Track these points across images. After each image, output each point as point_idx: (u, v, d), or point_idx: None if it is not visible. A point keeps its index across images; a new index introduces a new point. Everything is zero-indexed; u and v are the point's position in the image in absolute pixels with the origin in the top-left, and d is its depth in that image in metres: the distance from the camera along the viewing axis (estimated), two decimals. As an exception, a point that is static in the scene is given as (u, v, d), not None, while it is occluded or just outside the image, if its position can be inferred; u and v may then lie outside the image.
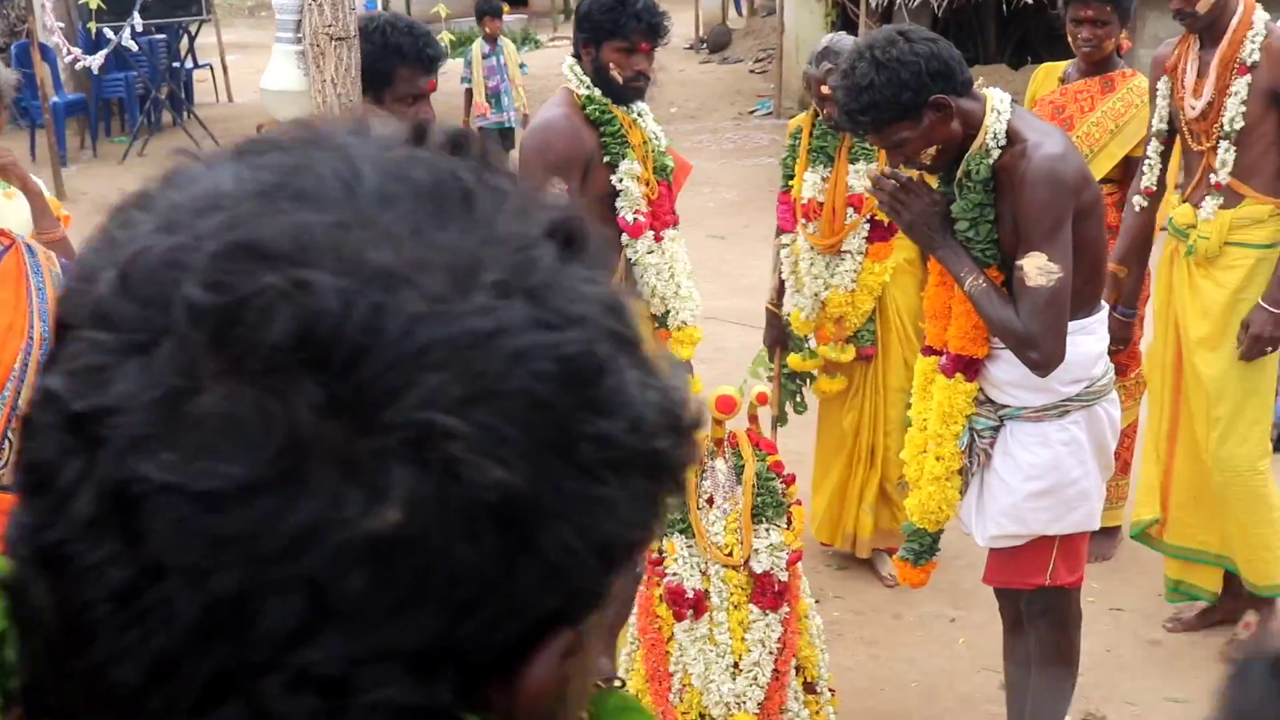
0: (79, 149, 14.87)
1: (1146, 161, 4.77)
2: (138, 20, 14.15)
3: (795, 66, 15.23)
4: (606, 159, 4.38)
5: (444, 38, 22.12)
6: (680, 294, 4.57)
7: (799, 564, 3.89)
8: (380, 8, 23.68)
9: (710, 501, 3.85)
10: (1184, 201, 4.64)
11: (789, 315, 5.31)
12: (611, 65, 4.36)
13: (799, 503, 3.92)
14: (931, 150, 3.36)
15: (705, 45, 21.33)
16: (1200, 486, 4.74)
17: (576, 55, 4.47)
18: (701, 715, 3.84)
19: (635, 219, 4.43)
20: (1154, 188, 4.76)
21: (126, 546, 0.61)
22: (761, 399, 3.94)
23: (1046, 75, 5.43)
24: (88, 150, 14.90)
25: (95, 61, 13.91)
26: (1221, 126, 4.48)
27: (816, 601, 4.41)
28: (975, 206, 3.39)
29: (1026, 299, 3.34)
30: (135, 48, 14.50)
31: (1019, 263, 3.35)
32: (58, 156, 12.87)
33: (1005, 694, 4.10)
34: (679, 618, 3.82)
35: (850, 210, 5.04)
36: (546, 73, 20.45)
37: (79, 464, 0.62)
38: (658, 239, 4.52)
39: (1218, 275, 4.55)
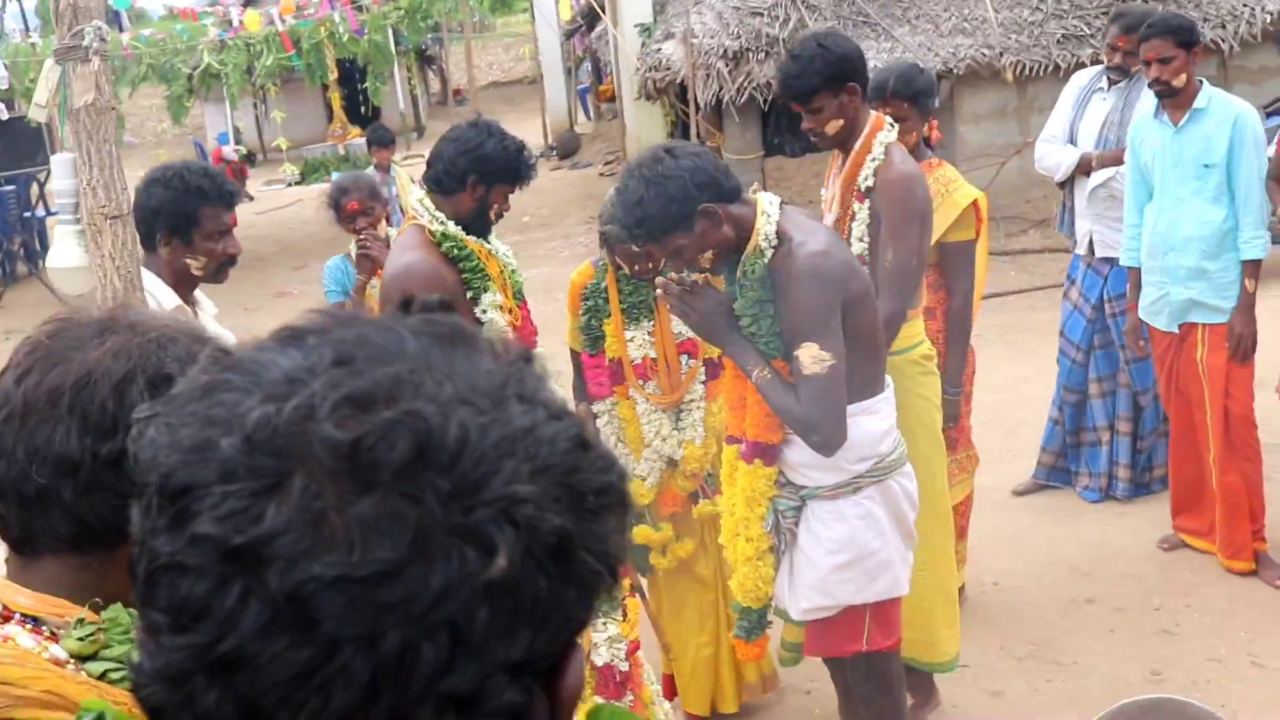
0: (-68, 307, 14.76)
1: None
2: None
3: (641, 167, 15.66)
4: (469, 294, 4.32)
5: (286, 169, 22.21)
6: None
7: (638, 653, 4.09)
8: (232, 140, 23.81)
9: (549, 601, 4.02)
10: None
11: (631, 484, 4.90)
12: (495, 205, 4.34)
13: (634, 594, 4.12)
14: (708, 255, 3.61)
15: (555, 152, 21.69)
16: None
17: (442, 190, 4.29)
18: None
19: None
20: None
21: (303, 634, 0.80)
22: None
23: None
24: (-58, 307, 14.79)
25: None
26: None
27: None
28: (755, 303, 3.64)
29: (804, 386, 3.59)
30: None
31: (795, 354, 3.60)
32: (-91, 317, 12.80)
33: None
34: (528, 716, 3.97)
35: (685, 358, 4.78)
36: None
37: (240, 586, 0.80)
38: None
39: None
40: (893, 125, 4.54)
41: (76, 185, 3.49)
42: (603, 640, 3.99)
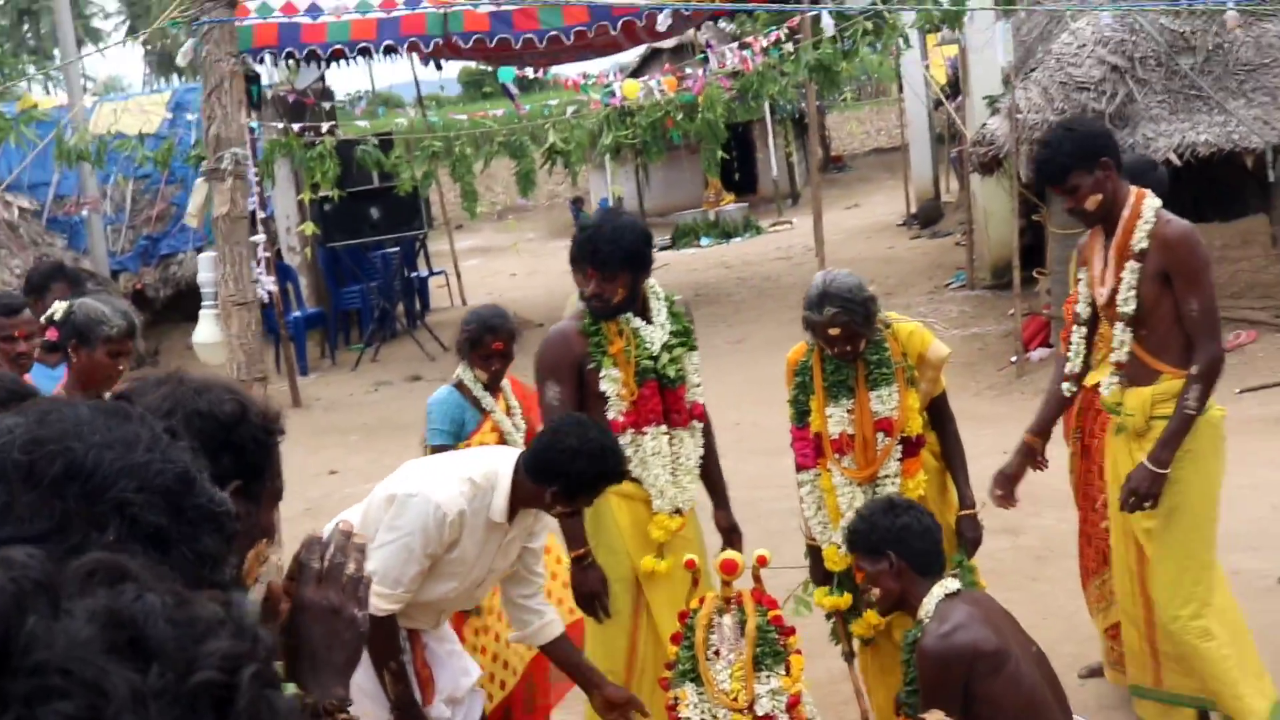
0: (319, 358, 16.25)
1: (1071, 347, 5.13)
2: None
3: (985, 237, 15.71)
4: (591, 365, 4.98)
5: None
6: (657, 485, 5.03)
7: (799, 705, 4.37)
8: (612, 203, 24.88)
9: (718, 653, 4.37)
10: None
11: (825, 551, 5.12)
12: (587, 286, 4.94)
13: (799, 652, 4.40)
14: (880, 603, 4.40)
15: (916, 220, 21.73)
16: None
17: None
18: (718, 843, 4.31)
19: (615, 417, 4.96)
20: (1077, 371, 5.12)
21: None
22: (761, 561, 4.46)
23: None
24: (328, 358, 16.26)
25: (265, 286, 14.85)
26: (1118, 309, 4.83)
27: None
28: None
29: None
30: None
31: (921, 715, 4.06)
32: (295, 367, 14.17)
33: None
34: (692, 756, 4.32)
35: (880, 435, 4.98)
36: (761, 258, 21.22)
37: None
38: (639, 433, 5.02)
39: (1148, 448, 4.80)
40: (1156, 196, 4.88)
41: (216, 277, 4.14)
42: (765, 691, 4.29)
